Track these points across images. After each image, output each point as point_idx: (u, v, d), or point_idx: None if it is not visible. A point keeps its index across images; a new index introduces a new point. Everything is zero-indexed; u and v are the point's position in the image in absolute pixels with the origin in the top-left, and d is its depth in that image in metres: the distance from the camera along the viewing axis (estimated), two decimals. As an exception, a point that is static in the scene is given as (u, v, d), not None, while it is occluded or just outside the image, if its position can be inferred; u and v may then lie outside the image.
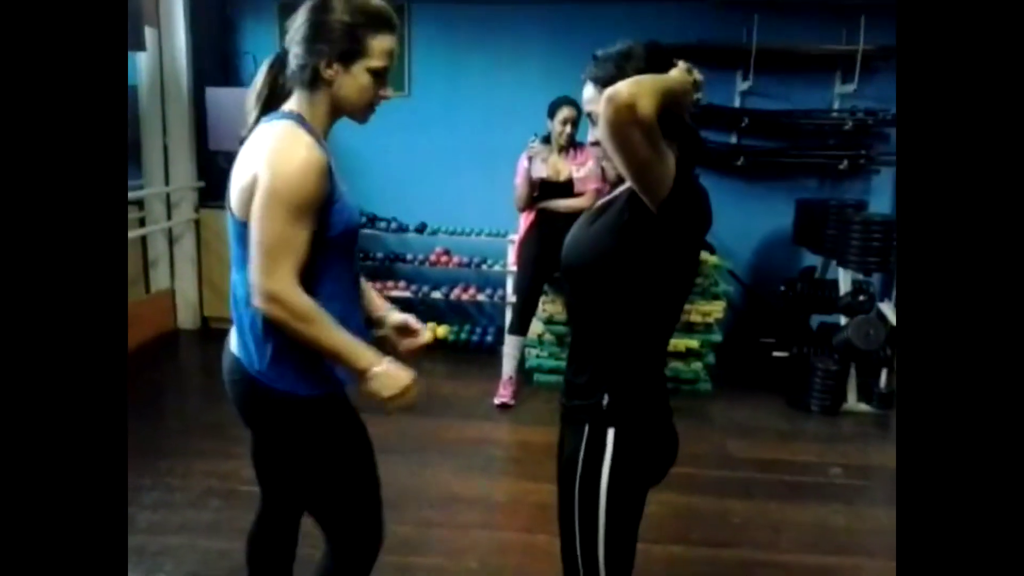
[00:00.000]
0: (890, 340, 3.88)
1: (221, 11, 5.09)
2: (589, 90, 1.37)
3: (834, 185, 4.86)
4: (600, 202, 1.44)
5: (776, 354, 4.34)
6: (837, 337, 3.92)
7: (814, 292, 4.36)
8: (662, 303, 1.39)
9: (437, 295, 4.91)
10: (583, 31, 4.63)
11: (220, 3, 5.08)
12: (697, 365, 4.14)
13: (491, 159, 4.72)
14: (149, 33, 4.48)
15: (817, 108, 4.70)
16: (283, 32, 5.20)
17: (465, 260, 4.88)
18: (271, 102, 1.48)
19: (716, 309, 4.13)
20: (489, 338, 4.82)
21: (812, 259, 4.63)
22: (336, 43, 1.38)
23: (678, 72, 1.28)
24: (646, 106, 1.16)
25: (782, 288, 4.47)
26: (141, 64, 4.63)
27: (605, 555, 1.39)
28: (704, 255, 4.12)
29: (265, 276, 1.34)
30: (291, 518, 1.72)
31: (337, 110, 1.45)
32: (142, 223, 4.79)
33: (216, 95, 4.81)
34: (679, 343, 4.03)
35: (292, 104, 1.44)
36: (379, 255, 4.93)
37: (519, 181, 3.74)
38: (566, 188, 3.71)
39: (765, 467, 3.31)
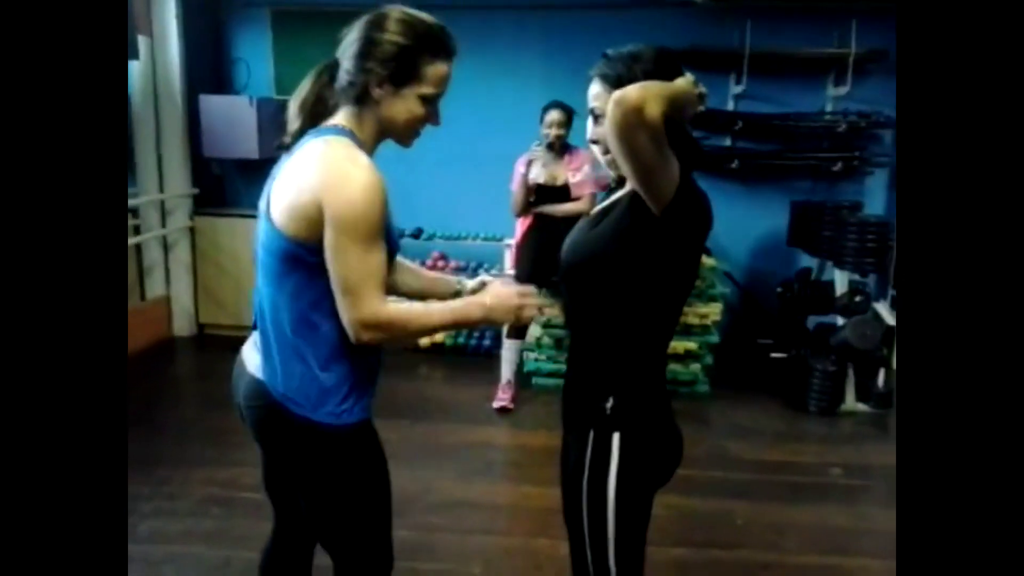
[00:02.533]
0: (886, 340, 3.90)
1: (214, 18, 5.09)
2: (596, 87, 1.37)
3: (828, 187, 4.88)
4: (600, 206, 1.44)
5: (774, 355, 4.35)
6: (834, 338, 3.94)
7: (810, 293, 4.37)
8: (665, 306, 1.40)
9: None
10: (578, 37, 4.65)
11: (213, 11, 5.07)
12: (695, 367, 4.15)
13: (487, 164, 4.72)
14: (142, 42, 4.47)
15: (810, 111, 4.73)
16: (277, 38, 5.16)
17: (462, 265, 4.87)
18: (317, 112, 1.42)
19: (713, 311, 4.13)
20: (487, 342, 4.81)
21: (808, 261, 4.65)
22: (388, 64, 1.33)
23: (684, 82, 1.28)
24: (653, 110, 1.16)
25: (779, 290, 4.49)
26: (134, 72, 4.61)
27: (616, 559, 1.39)
28: (701, 257, 4.13)
29: (356, 311, 1.31)
30: (307, 542, 1.67)
31: (383, 130, 1.41)
32: (137, 231, 4.76)
33: (209, 102, 4.80)
34: (677, 345, 4.03)
35: (341, 119, 1.39)
36: (375, 261, 4.91)
37: (515, 187, 3.74)
38: (562, 192, 3.71)
39: (765, 468, 3.31)
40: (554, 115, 3.62)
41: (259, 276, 1.43)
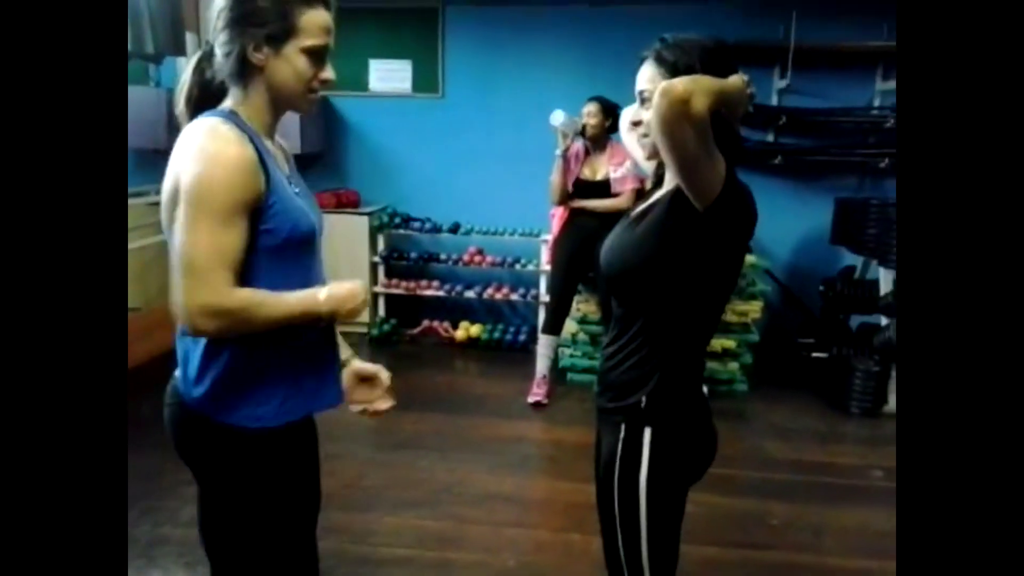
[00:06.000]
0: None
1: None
2: (649, 69, 1.35)
3: (874, 184, 4.76)
4: (642, 206, 1.43)
5: (815, 355, 4.27)
6: (878, 338, 3.85)
7: (854, 292, 4.28)
8: (706, 303, 1.38)
9: (470, 294, 4.93)
10: (617, 32, 4.62)
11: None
12: (734, 366, 4.09)
13: (525, 160, 4.72)
14: (189, 37, 4.56)
15: (857, 106, 4.62)
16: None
17: (498, 260, 4.88)
18: (204, 102, 1.31)
19: (753, 309, 4.07)
20: (522, 337, 4.82)
21: (851, 259, 4.55)
22: (263, 23, 1.22)
23: (737, 79, 1.27)
24: (700, 103, 1.15)
25: (821, 288, 4.40)
26: (181, 68, 4.71)
27: (649, 555, 1.38)
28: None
29: (196, 294, 1.19)
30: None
31: (276, 100, 1.30)
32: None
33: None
34: (715, 343, 3.97)
35: (226, 102, 1.30)
36: (413, 255, 4.96)
37: (555, 175, 3.73)
38: (602, 187, 3.69)
39: (805, 469, 3.26)
40: (588, 107, 3.68)
41: None
